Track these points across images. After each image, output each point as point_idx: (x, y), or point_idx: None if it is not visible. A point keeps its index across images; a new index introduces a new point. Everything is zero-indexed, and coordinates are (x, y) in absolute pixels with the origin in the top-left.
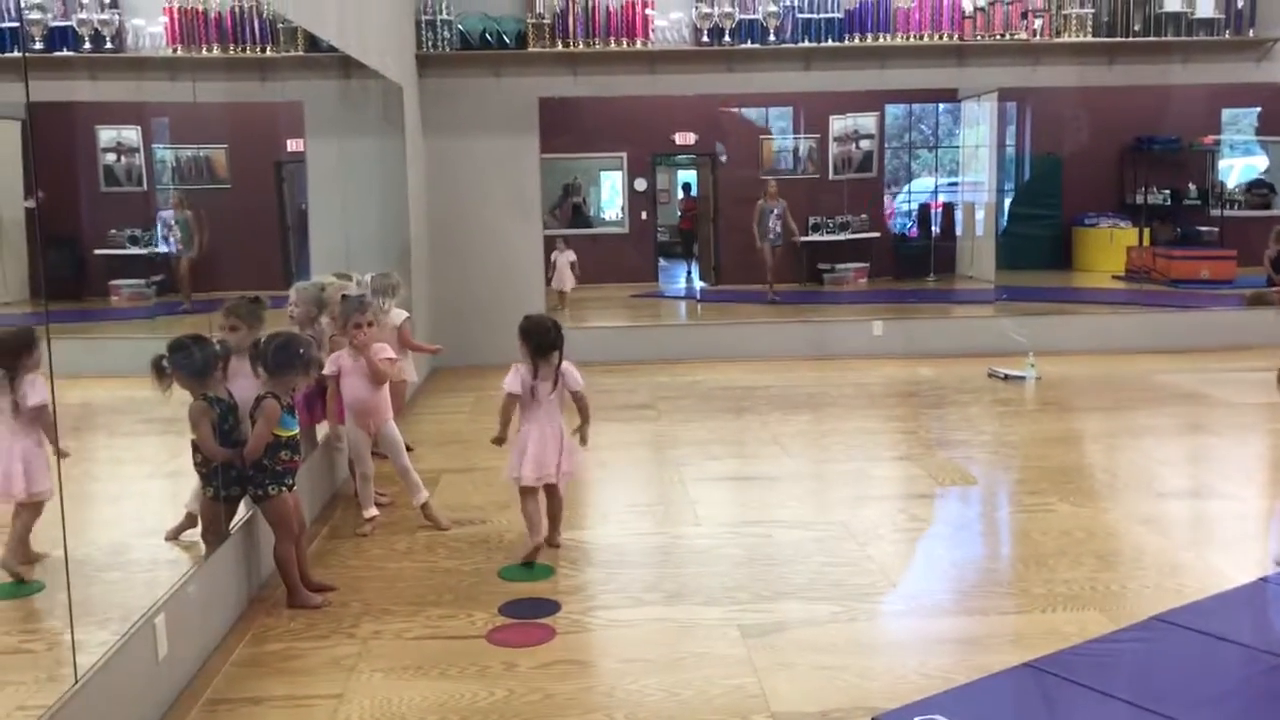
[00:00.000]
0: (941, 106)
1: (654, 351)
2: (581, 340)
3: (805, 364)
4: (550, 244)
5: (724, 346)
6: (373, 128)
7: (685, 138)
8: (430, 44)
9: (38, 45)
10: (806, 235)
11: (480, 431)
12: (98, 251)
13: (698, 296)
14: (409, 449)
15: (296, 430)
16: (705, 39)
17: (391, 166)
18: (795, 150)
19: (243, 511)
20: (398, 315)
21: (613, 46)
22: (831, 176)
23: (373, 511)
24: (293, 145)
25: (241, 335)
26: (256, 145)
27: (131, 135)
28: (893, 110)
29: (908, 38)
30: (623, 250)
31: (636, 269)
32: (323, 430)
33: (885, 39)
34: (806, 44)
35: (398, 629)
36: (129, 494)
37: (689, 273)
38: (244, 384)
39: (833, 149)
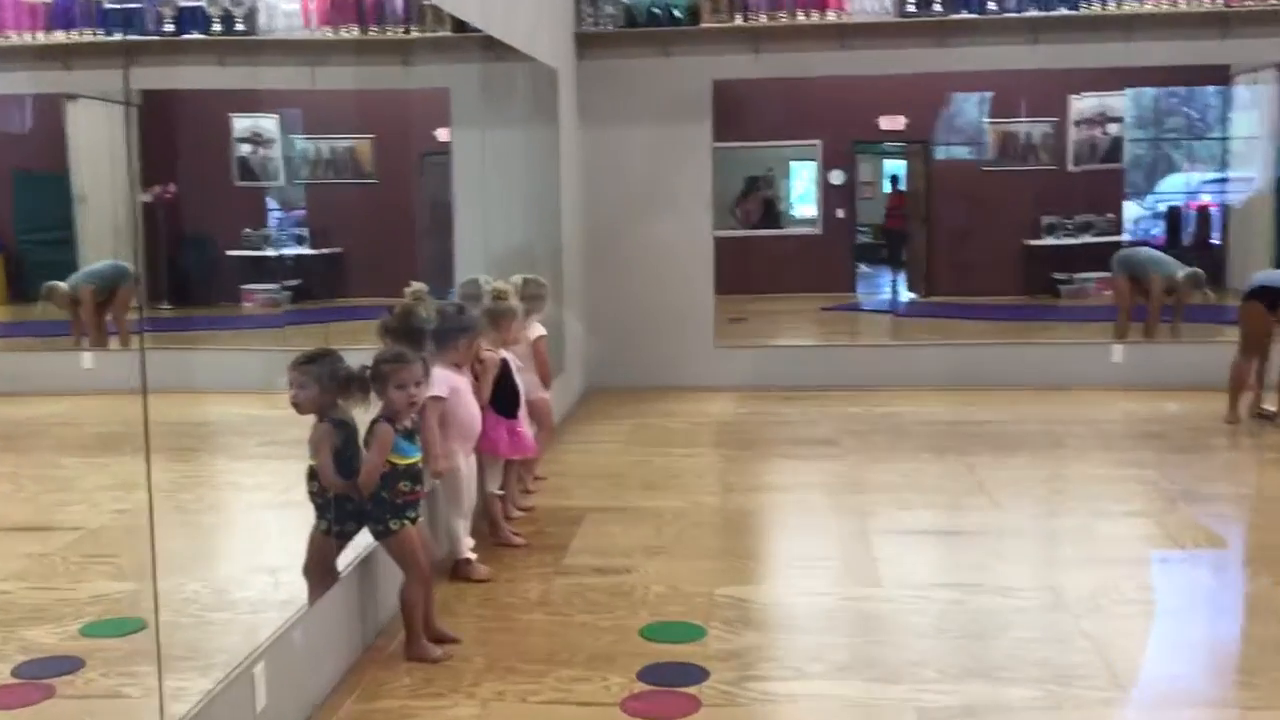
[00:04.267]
0: (1197, 89)
1: (845, 376)
2: (757, 361)
3: (1028, 395)
4: (727, 247)
5: (929, 371)
6: (522, 116)
7: (892, 122)
8: (591, 21)
9: (167, 28)
10: (1038, 238)
11: (636, 465)
12: (231, 253)
13: (902, 310)
14: (539, 478)
15: (417, 457)
16: (910, 8)
17: (543, 159)
18: (1024, 137)
19: (357, 548)
20: (535, 329)
21: (800, 19)
22: (1071, 167)
23: (468, 553)
24: (438, 136)
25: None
26: (402, 136)
27: (268, 125)
28: (1137, 94)
29: (1159, 4)
30: (814, 254)
31: (830, 276)
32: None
33: (1131, 6)
34: (1034, 13)
35: (523, 691)
36: (245, 524)
37: (894, 282)
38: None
39: (1073, 135)
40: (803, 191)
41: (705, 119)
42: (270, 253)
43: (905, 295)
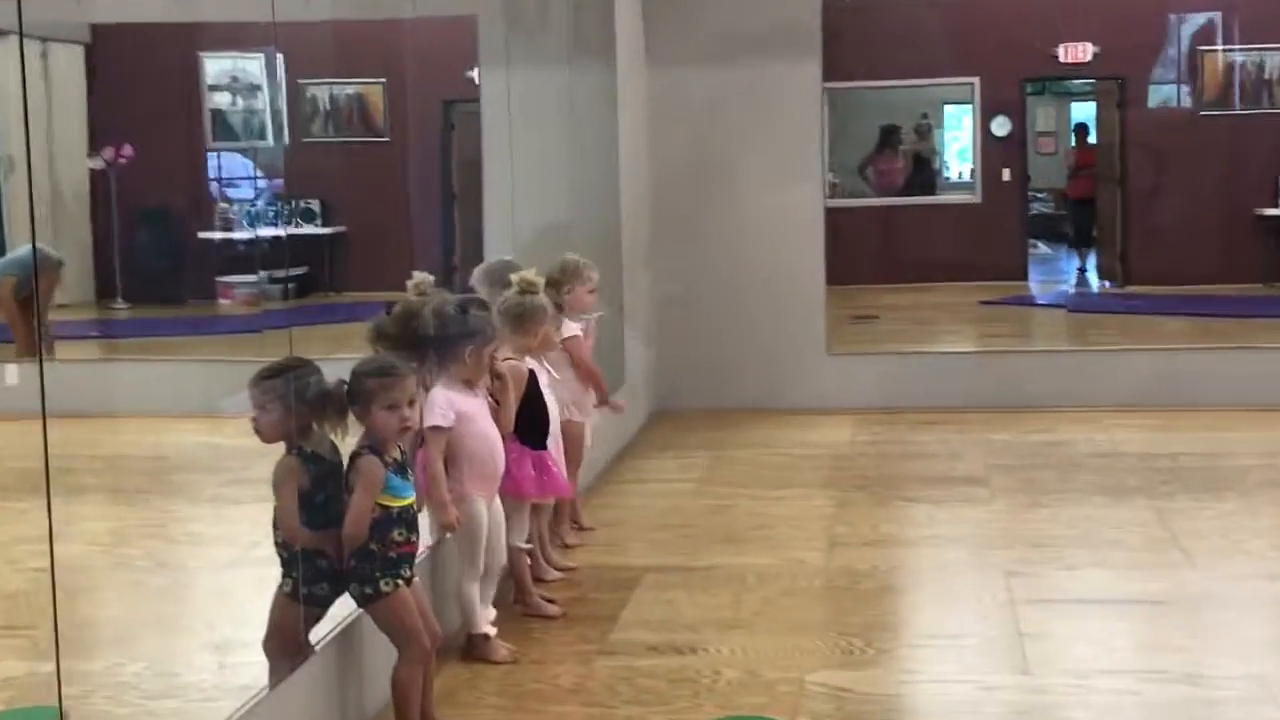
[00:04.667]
0: None
1: (1003, 392)
2: (886, 373)
3: (1246, 418)
4: (850, 221)
5: (1115, 386)
6: (566, 53)
7: (1076, 53)
8: None
9: None
10: (1277, 206)
11: (713, 512)
12: (204, 235)
13: (1085, 303)
14: (584, 528)
15: (412, 497)
16: None
17: (595, 108)
18: (1258, 70)
19: (335, 616)
20: (567, 327)
21: None
22: None
23: (486, 628)
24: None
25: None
26: (420, 79)
27: (251, 67)
28: None
29: None
30: (971, 229)
31: (992, 259)
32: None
33: None
34: None
35: None
36: (205, 587)
37: (1080, 266)
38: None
39: None
40: (958, 147)
41: (812, 53)
42: (254, 234)
43: (1095, 284)
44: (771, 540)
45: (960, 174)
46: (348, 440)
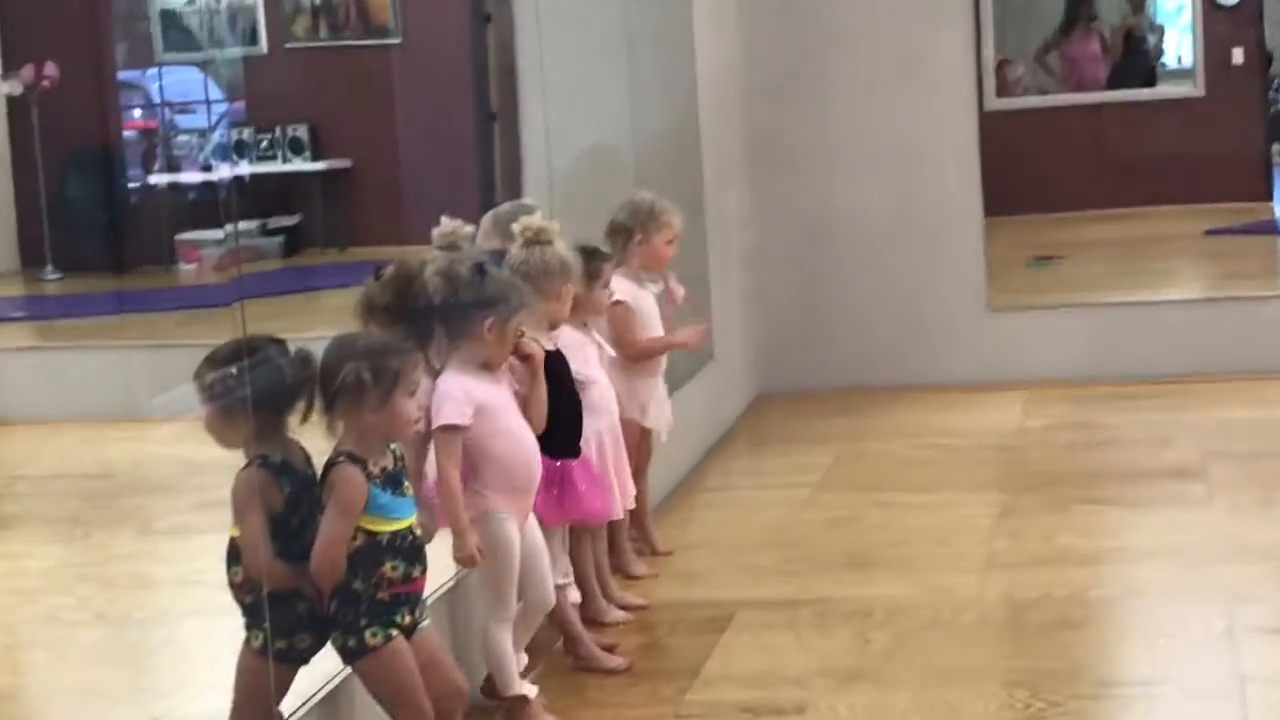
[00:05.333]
0: None
1: (1232, 355)
2: (1070, 332)
3: None
4: (1020, 128)
5: None
6: None
7: None
8: None
9: None
10: None
11: (831, 526)
12: (156, 180)
13: None
14: (656, 553)
15: (410, 519)
16: None
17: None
18: None
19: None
20: (623, 288)
21: None
22: None
23: (523, 688)
24: None
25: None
26: None
27: None
28: None
29: None
30: (1191, 134)
31: (1220, 173)
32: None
33: None
34: None
35: None
36: (153, 644)
37: None
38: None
39: None
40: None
41: None
42: (224, 174)
43: None
44: (910, 562)
45: (1179, 58)
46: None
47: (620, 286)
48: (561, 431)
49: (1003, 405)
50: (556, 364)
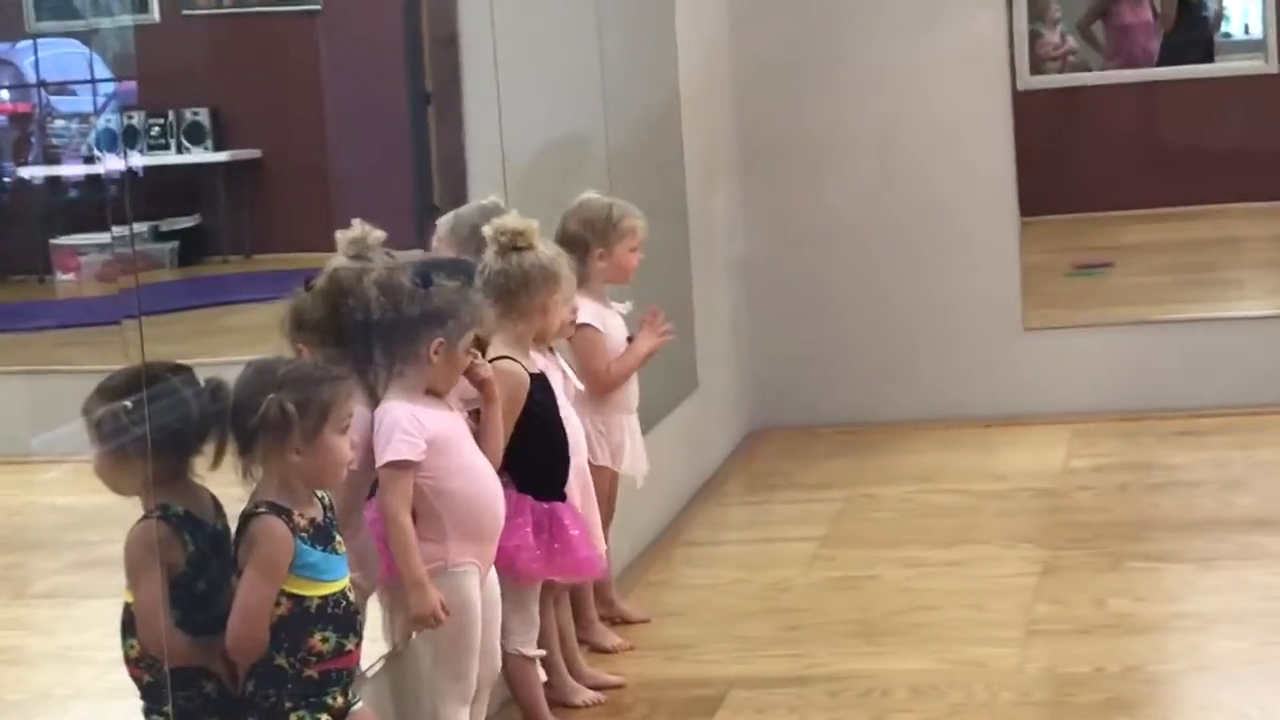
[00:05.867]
0: None
1: None
2: (1121, 356)
3: None
4: (1059, 112)
5: None
6: None
7: None
8: None
9: None
10: None
11: (840, 587)
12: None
13: None
14: (631, 621)
15: (343, 581)
16: None
17: None
18: None
19: None
20: (587, 310)
21: None
22: None
23: None
24: None
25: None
26: None
27: None
28: None
29: None
30: (1261, 115)
31: None
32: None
33: None
34: None
35: None
36: None
37: None
38: None
39: None
40: None
41: None
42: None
43: None
44: (935, 631)
45: (1245, 27)
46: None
47: (585, 308)
48: (545, 467)
49: (1042, 442)
50: (542, 390)
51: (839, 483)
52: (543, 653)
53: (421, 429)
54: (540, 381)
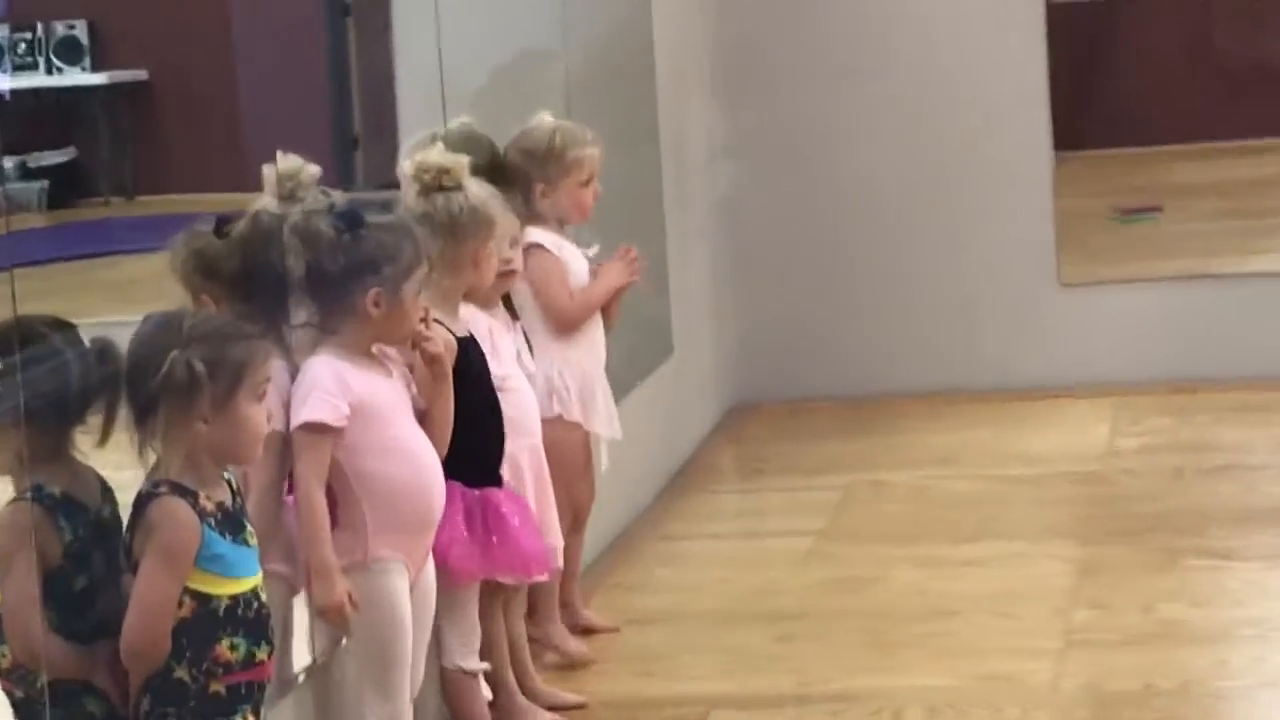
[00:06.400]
0: None
1: None
2: (1182, 312)
3: None
4: (1103, 27)
5: None
6: None
7: None
8: None
9: None
10: None
11: (841, 588)
12: None
13: None
14: (594, 629)
15: (256, 578)
16: None
17: None
18: None
19: None
20: (533, 234)
21: None
22: None
23: None
24: None
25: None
26: None
27: None
28: None
29: None
30: None
31: None
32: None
33: None
34: None
35: None
36: None
37: None
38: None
39: None
40: None
41: None
42: None
43: None
44: (955, 641)
45: None
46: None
47: (536, 234)
48: (478, 448)
49: (1081, 419)
50: (472, 356)
51: (840, 467)
52: (486, 666)
53: (345, 390)
54: (469, 346)
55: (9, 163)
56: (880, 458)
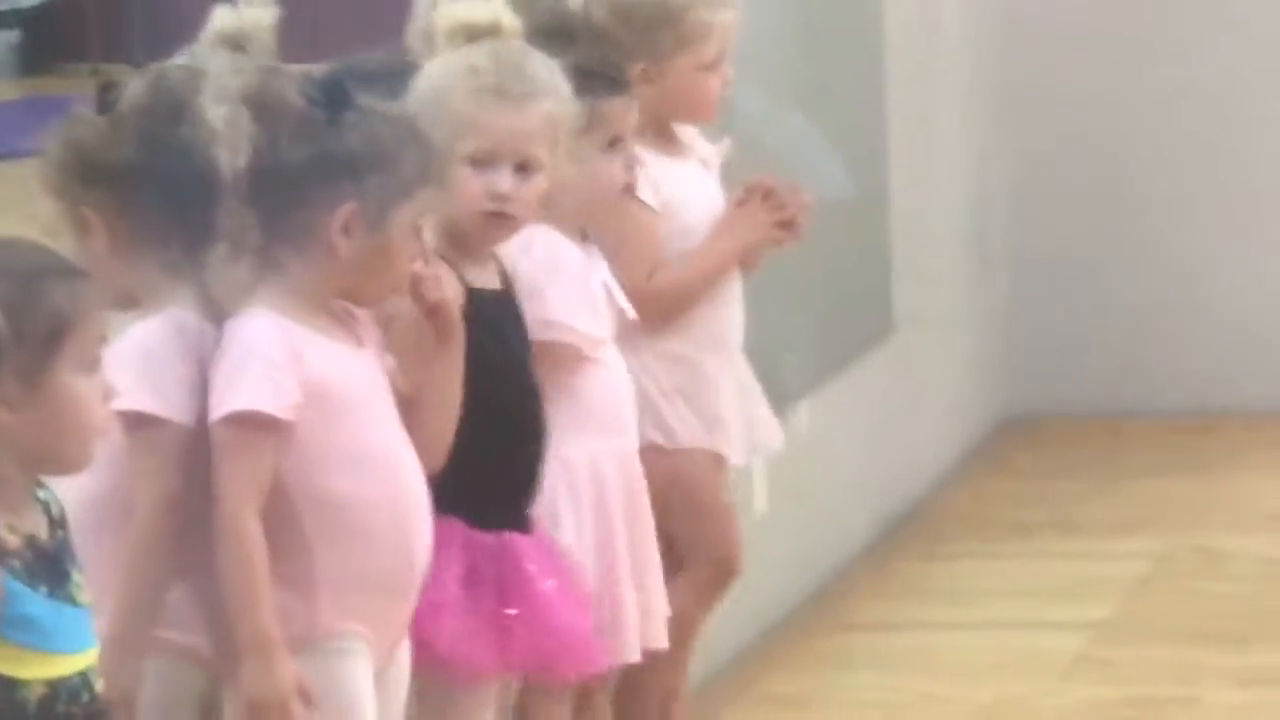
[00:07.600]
0: None
1: None
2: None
3: None
4: None
5: None
6: None
7: None
8: None
9: None
10: None
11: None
12: None
13: None
14: None
15: (89, 655)
16: None
17: None
18: None
19: None
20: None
21: None
22: None
23: None
24: None
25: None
26: None
27: None
28: None
29: None
30: None
31: None
32: None
33: None
34: None
35: None
36: None
37: None
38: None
39: None
40: None
41: None
42: None
43: None
44: None
45: None
46: None
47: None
48: (494, 466)
49: None
50: (497, 317)
51: (1150, 521)
52: None
53: (297, 365)
54: (497, 302)
55: None
56: (1212, 509)
